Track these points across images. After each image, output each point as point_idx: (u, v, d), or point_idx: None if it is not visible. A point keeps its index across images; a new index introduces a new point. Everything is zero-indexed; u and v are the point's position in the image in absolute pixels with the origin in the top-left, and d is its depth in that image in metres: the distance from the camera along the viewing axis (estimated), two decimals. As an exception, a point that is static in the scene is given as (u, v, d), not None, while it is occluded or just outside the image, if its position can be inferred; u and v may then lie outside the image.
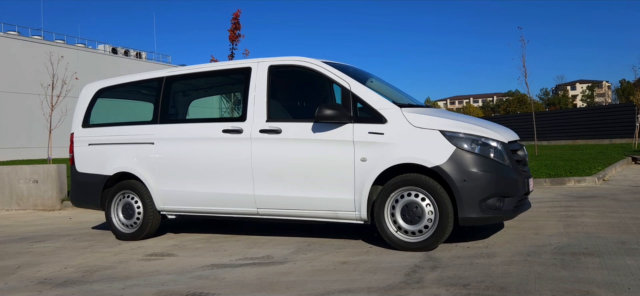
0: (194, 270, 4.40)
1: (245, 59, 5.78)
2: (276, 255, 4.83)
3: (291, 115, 5.81)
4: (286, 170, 5.12)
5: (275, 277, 4.04)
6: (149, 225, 5.90)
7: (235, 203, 5.41)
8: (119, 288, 3.96)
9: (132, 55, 47.71)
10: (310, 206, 5.06)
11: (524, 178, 4.81)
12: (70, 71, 19.58)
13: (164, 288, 3.90)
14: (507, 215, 4.72)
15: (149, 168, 5.86)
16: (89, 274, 4.45)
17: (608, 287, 3.37)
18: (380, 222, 4.76)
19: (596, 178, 9.50)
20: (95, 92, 6.54)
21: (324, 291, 3.61)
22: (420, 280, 3.74)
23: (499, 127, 5.04)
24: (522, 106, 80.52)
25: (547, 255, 4.25)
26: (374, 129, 4.79)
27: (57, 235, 6.69)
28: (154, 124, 5.93)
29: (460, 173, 4.50)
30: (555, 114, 35.72)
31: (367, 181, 4.77)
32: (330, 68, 5.17)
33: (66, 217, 8.62)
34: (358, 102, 4.94)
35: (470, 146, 4.58)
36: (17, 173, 10.24)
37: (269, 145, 5.19)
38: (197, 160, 5.56)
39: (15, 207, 10.19)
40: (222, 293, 3.70)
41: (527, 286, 3.47)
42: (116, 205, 6.11)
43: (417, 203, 4.65)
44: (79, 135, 6.43)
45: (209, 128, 5.55)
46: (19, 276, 4.52)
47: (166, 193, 5.78)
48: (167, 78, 6.05)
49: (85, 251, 5.50)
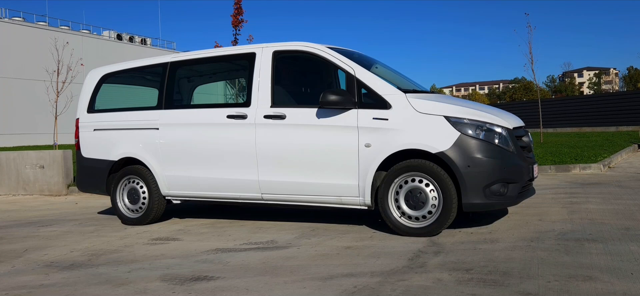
0: (198, 254, 4.44)
1: (250, 45, 5.75)
2: (280, 239, 4.85)
3: (295, 100, 5.80)
4: (290, 155, 5.13)
5: (279, 261, 4.07)
6: (154, 210, 5.94)
7: (239, 188, 5.43)
8: (124, 271, 4.00)
9: (136, 42, 47.72)
10: (315, 191, 5.07)
11: (528, 165, 4.80)
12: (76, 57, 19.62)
13: (168, 271, 3.93)
14: (511, 201, 4.72)
15: (153, 154, 5.88)
16: (95, 258, 4.50)
17: (611, 272, 3.38)
18: (384, 208, 4.77)
19: (601, 166, 9.47)
20: (100, 78, 6.55)
21: (327, 275, 3.64)
22: (424, 265, 3.76)
23: (504, 113, 5.02)
24: (528, 93, 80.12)
25: (551, 241, 4.26)
26: (379, 115, 4.78)
27: (63, 220, 6.75)
28: (158, 110, 5.94)
29: (465, 159, 4.50)
30: (562, 102, 35.53)
31: (371, 167, 4.77)
32: (335, 53, 5.16)
33: (72, 202, 8.69)
34: (362, 88, 4.93)
35: (474, 132, 4.57)
36: (24, 159, 10.30)
37: (274, 131, 5.20)
38: (202, 145, 5.58)
39: (21, 192, 10.27)
40: (227, 276, 3.73)
41: (530, 271, 3.48)
42: (122, 190, 6.15)
43: (420, 188, 4.66)
44: (85, 121, 6.46)
45: (214, 113, 5.56)
46: (25, 259, 4.57)
47: (171, 179, 5.81)
48: (171, 63, 6.05)
49: (91, 235, 5.55)
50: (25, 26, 37.88)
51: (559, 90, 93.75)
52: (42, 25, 39.40)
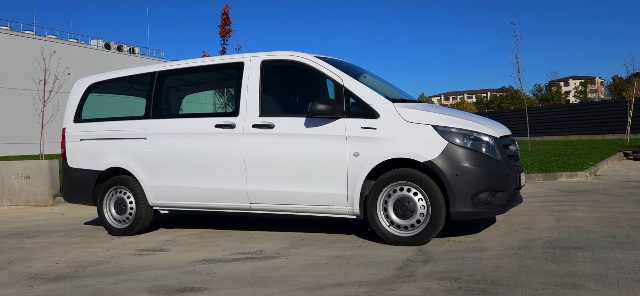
0: (186, 265, 4.40)
1: (238, 54, 5.75)
2: (269, 249, 4.83)
3: (284, 110, 5.80)
4: (279, 165, 5.12)
5: (268, 272, 4.04)
6: (141, 220, 5.88)
7: (228, 198, 5.40)
8: (110, 283, 3.95)
9: (125, 51, 47.48)
10: (303, 201, 5.06)
11: (515, 173, 4.83)
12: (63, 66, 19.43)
13: (156, 283, 3.89)
14: (499, 210, 4.74)
15: (141, 164, 5.84)
16: (80, 269, 4.44)
17: (598, 280, 3.40)
18: (372, 217, 4.77)
19: (588, 173, 9.56)
20: (87, 87, 6.50)
21: (316, 285, 3.62)
22: (412, 274, 3.76)
23: (491, 122, 5.05)
24: (516, 102, 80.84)
25: (538, 249, 4.28)
26: (367, 124, 4.79)
27: (49, 231, 6.66)
28: (146, 119, 5.91)
29: (453, 167, 4.51)
30: (548, 110, 35.91)
31: (359, 176, 4.77)
32: (323, 63, 5.17)
33: (58, 213, 8.58)
34: (351, 97, 4.94)
35: (462, 141, 4.59)
36: (9, 169, 10.17)
37: (262, 140, 5.18)
38: (190, 155, 5.55)
39: (6, 203, 10.13)
40: (215, 287, 3.70)
41: (518, 279, 3.49)
42: (108, 200, 6.09)
43: (409, 197, 4.66)
44: (71, 131, 6.40)
45: (202, 123, 5.53)
46: (10, 271, 4.50)
47: (159, 189, 5.77)
48: (159, 73, 6.03)
49: (77, 246, 5.48)
50: (12, 35, 37.54)
51: (545, 98, 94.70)
52: (29, 34, 39.07)
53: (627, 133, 20.35)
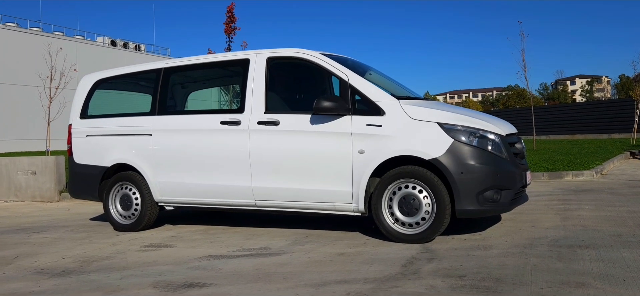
0: (191, 261, 4.41)
1: (244, 51, 5.75)
2: (273, 246, 4.84)
3: (289, 107, 5.80)
4: (284, 162, 5.12)
5: (273, 268, 4.05)
6: (146, 216, 5.91)
7: (233, 194, 5.41)
8: (116, 278, 3.97)
9: (131, 48, 47.61)
10: (308, 198, 5.06)
11: (521, 171, 4.82)
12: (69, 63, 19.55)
13: (161, 278, 3.91)
14: (504, 208, 4.73)
15: (146, 160, 5.86)
16: (86, 264, 4.46)
17: (603, 279, 3.39)
18: (377, 214, 4.77)
19: (594, 173, 9.52)
20: (93, 84, 6.53)
21: (320, 282, 3.63)
22: (417, 272, 3.75)
23: (497, 120, 5.04)
24: (521, 101, 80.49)
25: (544, 248, 4.26)
26: (372, 121, 4.79)
27: (55, 226, 6.70)
28: (151, 116, 5.92)
29: (458, 165, 4.50)
30: (554, 109, 35.73)
31: (364, 173, 4.77)
32: (328, 60, 5.16)
33: (64, 209, 8.63)
34: (356, 94, 4.93)
35: (468, 138, 4.58)
36: (15, 165, 10.23)
37: (267, 137, 5.19)
38: (195, 151, 5.56)
39: (13, 199, 10.19)
40: (219, 283, 3.71)
41: (523, 277, 3.48)
42: (114, 196, 6.12)
43: (414, 195, 4.66)
44: (77, 127, 6.43)
45: (207, 120, 5.54)
46: (16, 266, 4.53)
47: (164, 185, 5.78)
48: (165, 69, 6.04)
49: (83, 242, 5.51)
50: (19, 31, 37.71)
51: (551, 97, 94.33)
52: (35, 31, 39.26)
53: (633, 132, 20.23)
